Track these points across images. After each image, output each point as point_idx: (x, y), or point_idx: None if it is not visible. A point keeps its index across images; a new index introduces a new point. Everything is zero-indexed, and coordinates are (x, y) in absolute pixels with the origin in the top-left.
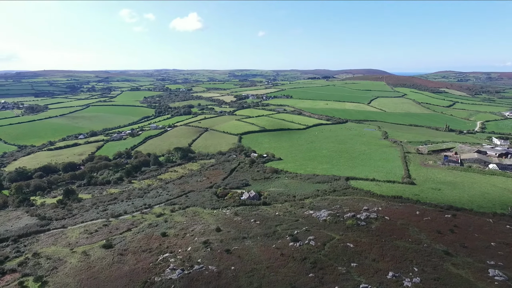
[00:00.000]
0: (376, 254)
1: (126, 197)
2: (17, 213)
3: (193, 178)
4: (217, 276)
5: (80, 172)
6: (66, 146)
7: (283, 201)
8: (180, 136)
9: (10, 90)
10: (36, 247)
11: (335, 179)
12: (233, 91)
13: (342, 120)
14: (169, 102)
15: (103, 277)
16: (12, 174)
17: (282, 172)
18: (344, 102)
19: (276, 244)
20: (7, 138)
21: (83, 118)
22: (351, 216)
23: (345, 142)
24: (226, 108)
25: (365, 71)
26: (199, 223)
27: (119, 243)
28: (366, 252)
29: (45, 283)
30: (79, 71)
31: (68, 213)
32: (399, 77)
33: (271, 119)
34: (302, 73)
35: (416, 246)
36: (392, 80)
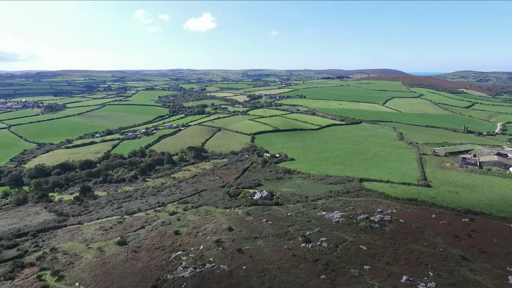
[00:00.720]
0: (390, 257)
1: (140, 195)
2: (36, 208)
3: (206, 177)
4: (229, 275)
5: (96, 170)
6: (83, 144)
7: (295, 202)
8: (193, 136)
9: (30, 90)
10: (54, 242)
11: (349, 180)
12: (246, 91)
13: (356, 120)
14: (183, 102)
15: (117, 273)
16: (32, 171)
17: (295, 173)
18: (359, 103)
19: (288, 244)
20: (28, 136)
21: (100, 117)
22: (365, 218)
23: (359, 143)
24: (239, 108)
25: (380, 71)
26: (211, 222)
27: (133, 240)
28: (379, 255)
29: (62, 278)
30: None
31: (84, 209)
32: (416, 77)
33: (284, 119)
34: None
35: (432, 250)
36: (408, 80)
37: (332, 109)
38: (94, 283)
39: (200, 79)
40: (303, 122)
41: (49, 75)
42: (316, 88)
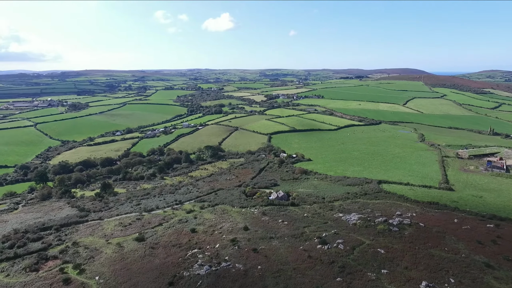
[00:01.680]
0: (409, 262)
1: (158, 193)
2: (59, 203)
3: (223, 176)
4: (244, 274)
5: (116, 167)
6: (104, 142)
7: (311, 203)
8: (210, 135)
9: (55, 89)
10: (76, 237)
11: (367, 182)
12: (263, 91)
13: (376, 121)
14: (201, 101)
15: (135, 269)
16: (56, 167)
17: (312, 173)
18: (378, 103)
19: (304, 245)
20: (52, 133)
21: (120, 115)
22: (383, 221)
23: (378, 144)
24: (256, 108)
25: (401, 71)
26: (227, 221)
27: (150, 236)
28: (398, 259)
29: (83, 271)
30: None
31: (105, 205)
32: (439, 77)
33: (302, 119)
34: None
35: (453, 256)
36: (430, 80)
37: (350, 110)
38: (113, 278)
39: (218, 78)
40: (321, 122)
41: (73, 75)
42: (334, 88)
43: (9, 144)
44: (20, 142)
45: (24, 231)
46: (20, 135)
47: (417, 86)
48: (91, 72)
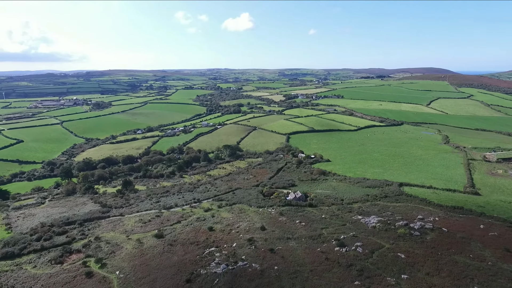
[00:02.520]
0: (431, 268)
1: (177, 191)
2: (83, 199)
3: (240, 176)
4: (260, 274)
5: (137, 165)
6: (126, 140)
7: (330, 204)
8: (229, 134)
9: (81, 88)
10: (98, 232)
11: (387, 184)
12: (282, 90)
13: (397, 122)
14: (220, 101)
15: (154, 265)
16: (80, 164)
17: (330, 174)
18: (400, 103)
19: (321, 247)
20: (77, 131)
21: (141, 114)
22: (404, 224)
23: (400, 146)
24: (274, 107)
25: (425, 70)
26: (244, 220)
27: (169, 234)
28: (419, 264)
29: (104, 265)
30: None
31: (126, 202)
32: (465, 77)
33: (321, 119)
34: (355, 72)
35: (479, 264)
36: (456, 79)
37: (371, 110)
38: (133, 273)
39: (237, 78)
40: (340, 122)
41: (97, 75)
42: (354, 87)
43: (38, 141)
44: (48, 139)
45: (50, 225)
46: (47, 133)
47: (441, 86)
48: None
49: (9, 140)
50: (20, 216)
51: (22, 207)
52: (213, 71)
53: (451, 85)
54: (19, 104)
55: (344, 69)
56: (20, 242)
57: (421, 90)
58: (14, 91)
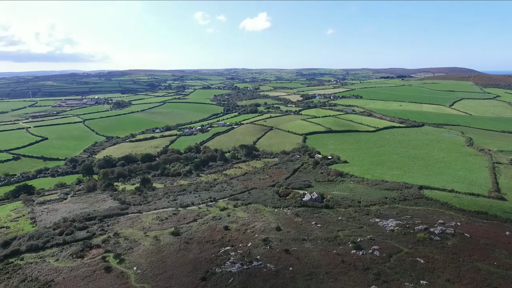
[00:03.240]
0: (452, 275)
1: (194, 189)
2: (103, 196)
3: (256, 176)
4: (275, 275)
5: (155, 163)
6: (145, 138)
7: (346, 206)
8: (245, 134)
9: (102, 88)
10: (117, 228)
11: (406, 187)
12: (299, 90)
13: (418, 123)
14: (237, 101)
15: (170, 262)
16: (101, 161)
17: (347, 176)
18: (421, 104)
19: (337, 250)
20: (98, 129)
21: (160, 113)
22: (423, 229)
23: (420, 148)
24: (291, 108)
25: (448, 70)
26: (260, 220)
27: (185, 232)
28: (439, 270)
29: (123, 261)
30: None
31: (144, 200)
32: (491, 76)
33: (338, 120)
34: (374, 72)
35: (504, 272)
36: (481, 79)
37: (390, 110)
38: (150, 269)
39: (254, 78)
40: (359, 123)
41: (118, 74)
42: (374, 88)
43: (61, 139)
44: (70, 137)
45: (72, 220)
46: (70, 130)
47: (465, 86)
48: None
49: (35, 138)
50: (44, 210)
51: (46, 202)
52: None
53: (476, 86)
54: (44, 103)
55: (363, 69)
56: (44, 236)
57: (444, 90)
58: (40, 90)
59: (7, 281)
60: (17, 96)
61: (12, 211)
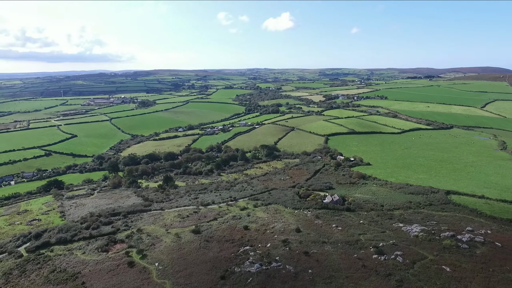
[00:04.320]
0: (480, 285)
1: (214, 188)
2: (127, 192)
3: (277, 176)
4: (294, 276)
5: (178, 162)
6: (168, 137)
7: (369, 209)
8: (266, 134)
9: (128, 87)
10: (140, 224)
11: (432, 192)
12: (322, 91)
13: (446, 125)
14: (259, 101)
15: (191, 259)
16: (126, 159)
17: (370, 178)
18: (450, 105)
19: (358, 254)
20: (124, 127)
21: (183, 113)
22: (450, 235)
23: (448, 151)
24: (314, 108)
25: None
26: (279, 221)
27: (206, 230)
28: (466, 280)
29: (145, 256)
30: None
31: (166, 197)
32: None
33: (362, 121)
34: (400, 72)
35: None
36: None
37: (417, 112)
38: (170, 266)
39: (276, 78)
40: (383, 125)
41: (144, 74)
42: (399, 88)
43: (89, 136)
44: (98, 135)
45: (98, 215)
46: (98, 128)
47: (499, 87)
48: (159, 71)
49: (65, 135)
50: (72, 205)
51: (74, 197)
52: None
53: (511, 86)
54: (74, 101)
55: (388, 68)
56: (72, 230)
57: (475, 91)
58: (70, 90)
59: (38, 271)
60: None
61: (44, 205)
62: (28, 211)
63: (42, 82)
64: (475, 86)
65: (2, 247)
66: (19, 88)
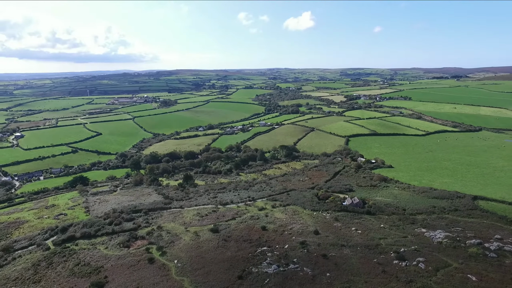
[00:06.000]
0: None
1: (233, 188)
2: (148, 190)
3: (296, 177)
4: (312, 279)
5: (198, 161)
6: (188, 136)
7: (390, 213)
8: (286, 134)
9: (151, 87)
10: (160, 221)
11: (458, 197)
12: (343, 91)
13: (474, 127)
14: (279, 101)
15: (209, 258)
16: (147, 157)
17: (392, 181)
18: (479, 106)
19: (378, 259)
20: (146, 126)
21: (203, 112)
22: (476, 243)
23: (476, 154)
24: (334, 109)
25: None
26: (297, 222)
27: (224, 229)
28: None
29: (164, 253)
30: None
31: (186, 195)
32: None
33: (384, 122)
34: (426, 72)
35: None
36: None
37: (443, 113)
38: (189, 263)
39: (296, 78)
40: (406, 126)
41: (166, 74)
42: (424, 89)
43: (113, 134)
44: (121, 133)
45: (120, 211)
46: (121, 127)
47: None
48: (181, 71)
49: (90, 133)
50: (96, 201)
51: (98, 193)
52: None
53: None
54: (100, 100)
55: (413, 68)
56: (96, 225)
57: (507, 92)
58: (96, 89)
59: (64, 264)
60: (77, 94)
61: (70, 200)
62: (55, 206)
63: (70, 81)
64: (507, 86)
65: (31, 239)
66: (49, 87)
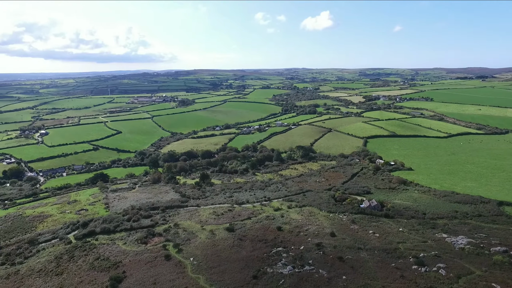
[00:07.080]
0: None
1: (249, 188)
2: (166, 188)
3: (312, 178)
4: (327, 282)
5: (214, 160)
6: (205, 135)
7: (409, 217)
8: (303, 135)
9: (169, 86)
10: (177, 219)
11: (482, 202)
12: (362, 91)
13: (500, 130)
14: (296, 101)
15: (224, 257)
16: (165, 155)
17: (412, 184)
18: (506, 108)
19: (396, 263)
20: (165, 125)
21: (220, 112)
22: (502, 251)
23: (502, 158)
24: (352, 109)
25: None
26: (313, 224)
27: (239, 228)
28: None
29: (180, 251)
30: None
31: (202, 194)
32: None
33: (404, 124)
34: (449, 72)
35: None
36: None
37: (466, 115)
38: (205, 262)
39: (314, 78)
40: (427, 128)
41: (184, 74)
42: (447, 89)
43: (132, 133)
44: (140, 132)
45: (138, 208)
46: (140, 125)
47: None
48: (199, 71)
49: (111, 131)
50: (116, 197)
51: (118, 190)
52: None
53: None
54: (120, 99)
55: (435, 68)
56: (115, 221)
57: None
58: (117, 88)
59: (84, 258)
60: (98, 93)
61: (91, 196)
62: (77, 201)
63: (92, 81)
64: None
65: (54, 233)
66: (72, 86)
